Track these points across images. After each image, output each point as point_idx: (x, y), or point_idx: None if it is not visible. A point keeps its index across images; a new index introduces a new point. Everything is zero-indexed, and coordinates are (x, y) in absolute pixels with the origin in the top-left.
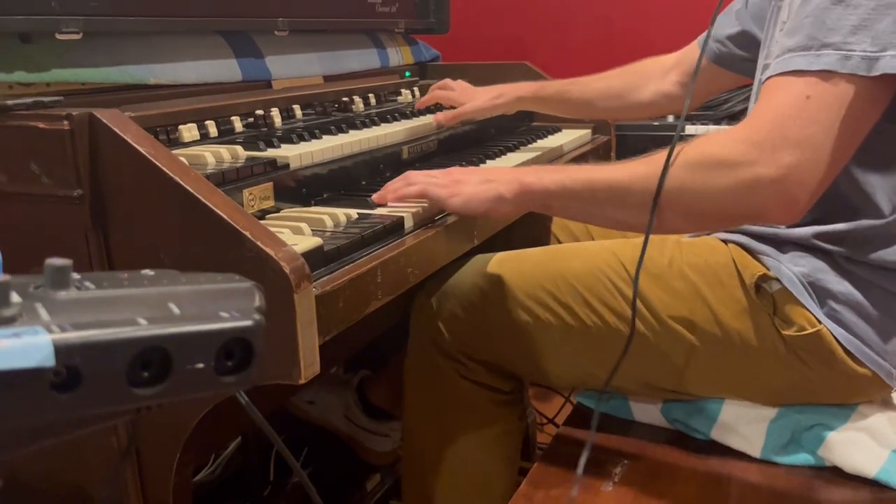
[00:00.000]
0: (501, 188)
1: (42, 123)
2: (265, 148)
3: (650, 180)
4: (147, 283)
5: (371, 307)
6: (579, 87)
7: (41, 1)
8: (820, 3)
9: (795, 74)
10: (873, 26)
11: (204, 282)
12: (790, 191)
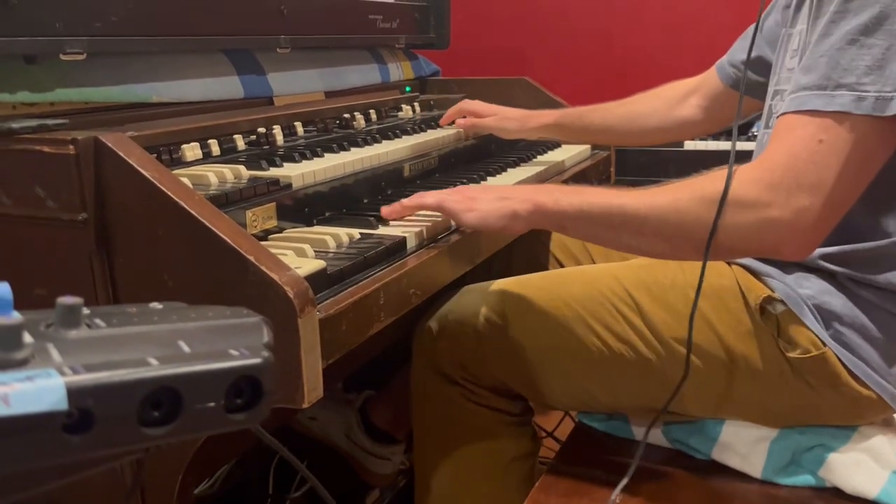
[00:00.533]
0: (517, 206)
1: (47, 147)
2: (267, 167)
3: (667, 212)
4: (156, 318)
5: (374, 329)
6: (600, 114)
7: (46, 22)
8: (835, 42)
9: (810, 114)
10: (888, 66)
11: (212, 317)
12: (803, 231)
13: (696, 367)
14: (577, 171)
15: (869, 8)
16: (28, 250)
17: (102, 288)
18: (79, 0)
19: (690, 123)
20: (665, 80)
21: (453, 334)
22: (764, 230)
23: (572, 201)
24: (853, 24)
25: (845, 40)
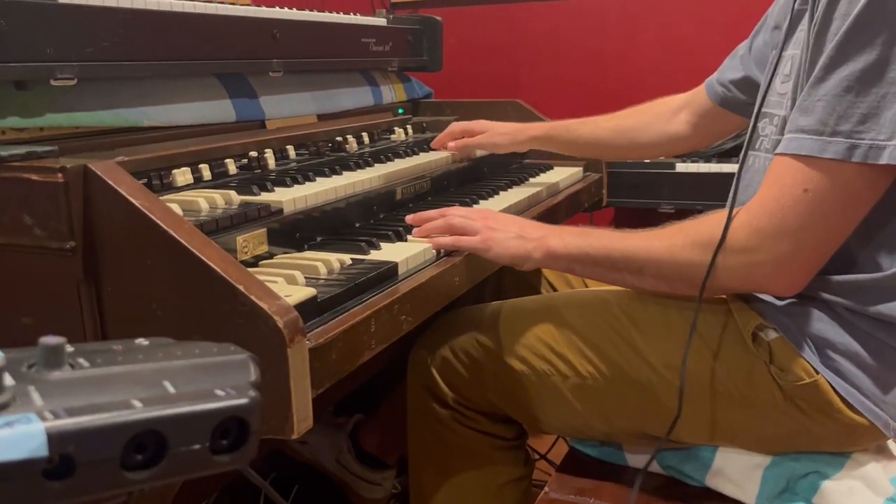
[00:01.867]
0: (530, 247)
1: (36, 176)
2: (259, 192)
3: (664, 256)
4: (142, 356)
5: (364, 357)
6: (590, 128)
7: (37, 48)
8: (832, 88)
9: (803, 160)
10: (883, 114)
11: (199, 354)
12: (789, 273)
13: (688, 394)
14: (569, 193)
15: (865, 55)
16: (15, 279)
17: (90, 317)
18: (70, 25)
19: (679, 139)
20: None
21: (447, 359)
22: (753, 272)
23: (579, 245)
24: (850, 69)
25: (842, 86)
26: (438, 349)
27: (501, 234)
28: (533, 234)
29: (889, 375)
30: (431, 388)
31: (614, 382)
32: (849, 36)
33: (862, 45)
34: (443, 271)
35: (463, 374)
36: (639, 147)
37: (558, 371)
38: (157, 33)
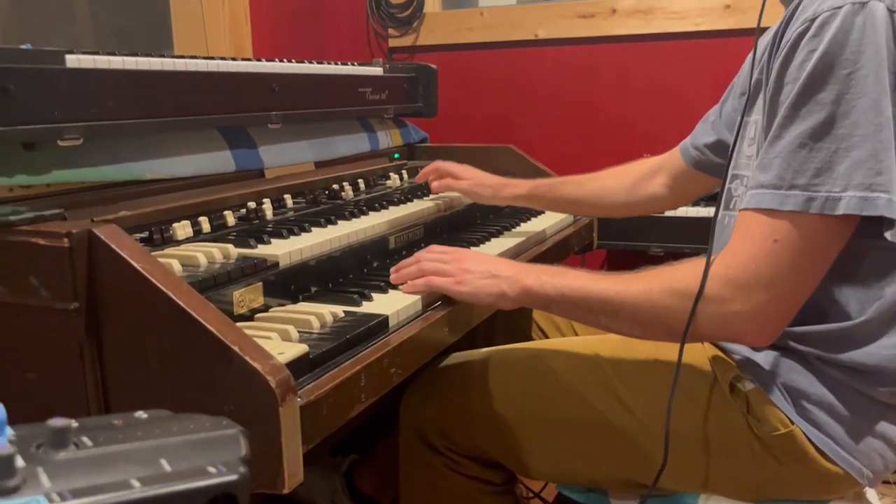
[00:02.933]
0: (505, 286)
1: (43, 240)
2: (255, 245)
3: (640, 301)
4: (140, 433)
5: (354, 412)
6: (572, 187)
7: (45, 111)
8: (787, 145)
9: (766, 213)
10: (835, 168)
11: (193, 430)
12: (763, 322)
13: (670, 442)
14: (558, 238)
15: (815, 114)
16: (21, 336)
17: (91, 374)
18: (76, 87)
19: (656, 199)
20: (647, 145)
21: (437, 406)
22: (728, 322)
23: (556, 284)
24: (802, 128)
25: (796, 143)
26: (429, 396)
27: (474, 273)
28: (506, 273)
29: (862, 424)
30: (422, 433)
31: (599, 430)
32: (799, 98)
33: (811, 106)
34: (432, 323)
35: (453, 421)
36: (618, 207)
37: (544, 418)
38: (160, 91)
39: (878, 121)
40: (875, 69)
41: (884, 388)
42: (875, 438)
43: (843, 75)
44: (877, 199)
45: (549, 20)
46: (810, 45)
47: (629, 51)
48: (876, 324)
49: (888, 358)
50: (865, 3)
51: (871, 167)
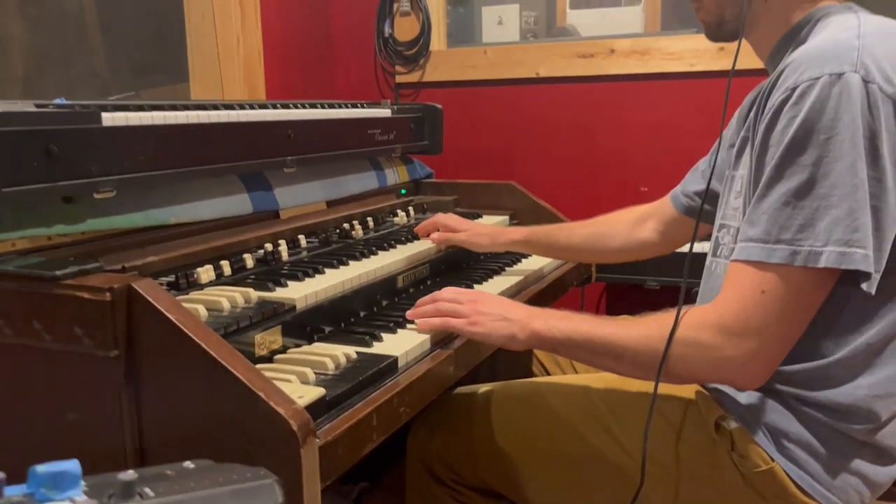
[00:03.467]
0: (516, 328)
1: (87, 294)
2: (273, 287)
3: (641, 346)
4: (193, 484)
5: (367, 450)
6: (565, 234)
7: (82, 167)
8: (773, 203)
9: (755, 265)
10: (817, 224)
11: (237, 480)
12: (753, 368)
13: (659, 476)
14: (556, 276)
15: (798, 175)
16: (64, 380)
17: (129, 416)
18: (111, 144)
19: (648, 245)
20: (644, 179)
21: (443, 437)
22: (720, 367)
23: (562, 328)
24: (786, 187)
25: (781, 201)
26: (435, 430)
27: (487, 316)
28: (517, 316)
29: (838, 462)
30: (428, 465)
31: (593, 464)
32: (783, 160)
33: (794, 167)
34: (438, 363)
35: (457, 454)
36: (610, 252)
37: (542, 452)
38: (186, 143)
39: (854, 182)
40: (851, 135)
41: (859, 427)
42: (851, 475)
43: (821, 140)
44: (854, 253)
45: (549, 59)
46: (792, 112)
47: (626, 89)
48: (852, 364)
49: (862, 398)
50: (842, 75)
51: (848, 224)
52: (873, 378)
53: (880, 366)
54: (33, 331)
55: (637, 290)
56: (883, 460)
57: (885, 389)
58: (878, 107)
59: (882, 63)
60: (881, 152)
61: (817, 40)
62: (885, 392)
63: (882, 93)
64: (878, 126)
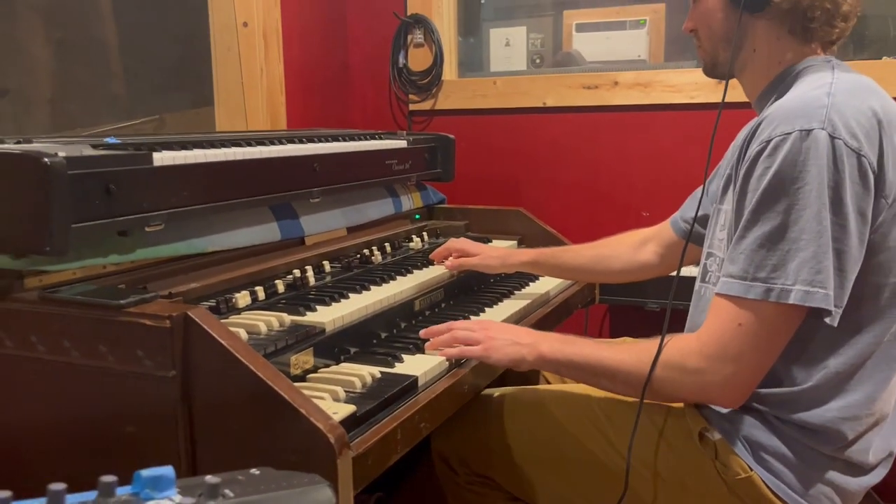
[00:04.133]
0: (524, 351)
1: (149, 321)
2: (304, 312)
3: (632, 369)
4: (263, 487)
5: (392, 461)
6: (571, 255)
7: (136, 203)
8: (750, 244)
9: (733, 300)
10: (788, 265)
11: (296, 484)
12: (731, 390)
13: (652, 480)
14: (561, 300)
15: (772, 220)
16: (124, 397)
17: (183, 430)
18: (161, 181)
19: (648, 267)
20: (645, 204)
21: (460, 437)
22: (703, 389)
23: (565, 352)
24: (761, 230)
25: (757, 243)
26: (453, 430)
27: (499, 341)
28: (525, 340)
29: (811, 473)
30: (447, 459)
31: (592, 468)
32: (758, 205)
33: (768, 213)
34: (454, 382)
35: (472, 451)
36: (613, 273)
37: (546, 456)
38: (225, 177)
39: (819, 229)
40: (817, 186)
41: (828, 445)
42: (824, 485)
43: (792, 190)
44: (816, 293)
45: (556, 90)
46: (766, 163)
47: (629, 119)
48: (821, 391)
49: (831, 420)
50: (810, 131)
51: (812, 266)
52: (842, 402)
53: (848, 392)
54: (98, 353)
55: (638, 312)
56: (854, 472)
57: (852, 413)
58: (843, 160)
59: (849, 120)
60: (845, 201)
61: (792, 95)
62: (852, 415)
63: (847, 147)
64: (842, 178)
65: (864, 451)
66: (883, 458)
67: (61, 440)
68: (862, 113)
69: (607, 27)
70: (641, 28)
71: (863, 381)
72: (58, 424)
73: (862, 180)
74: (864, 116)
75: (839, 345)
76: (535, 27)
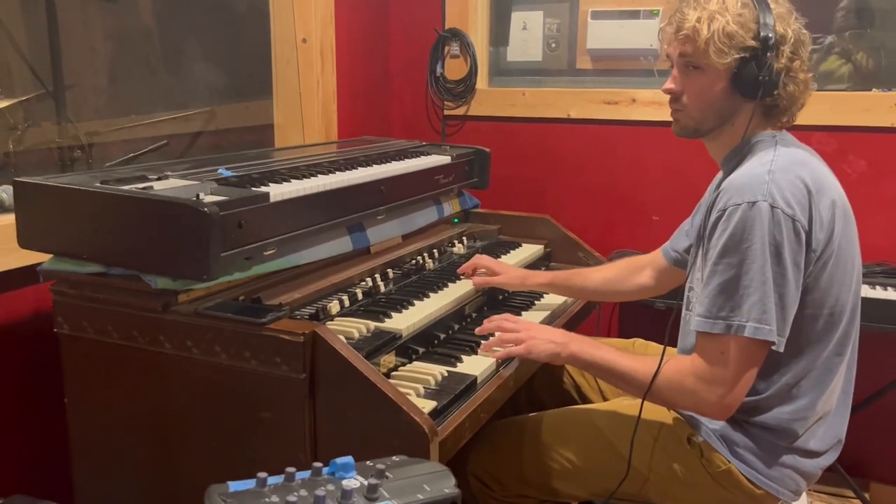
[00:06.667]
0: (558, 349)
1: (287, 336)
2: (383, 319)
3: (643, 378)
4: (407, 470)
5: (461, 444)
6: (581, 278)
7: (259, 235)
8: (712, 290)
9: (707, 336)
10: (742, 306)
11: (426, 469)
12: (722, 408)
13: (650, 476)
14: (582, 303)
15: (728, 272)
16: (263, 391)
17: (309, 419)
18: (276, 215)
19: (646, 288)
20: (656, 210)
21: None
22: (697, 405)
23: (593, 354)
24: (719, 280)
25: (717, 290)
26: (488, 455)
27: (538, 340)
28: (560, 340)
29: (774, 460)
30: (482, 479)
31: (600, 474)
32: (718, 258)
33: (725, 266)
34: (502, 382)
35: (507, 469)
36: (617, 294)
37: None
38: (318, 204)
39: (763, 279)
40: (761, 245)
41: (785, 440)
42: (785, 468)
43: (742, 248)
44: (763, 328)
45: (579, 104)
46: (723, 227)
47: (645, 133)
48: (776, 398)
49: (785, 420)
50: (755, 203)
51: (760, 308)
52: (792, 407)
53: (796, 398)
54: (243, 357)
55: (647, 310)
56: (808, 457)
57: (800, 415)
58: (781, 225)
59: (784, 192)
60: (784, 256)
61: (742, 171)
62: (801, 416)
63: (784, 214)
64: (781, 238)
65: (814, 441)
66: (833, 444)
67: (208, 421)
68: (795, 185)
69: (621, 16)
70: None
71: (808, 390)
72: (205, 409)
73: (796, 239)
74: (797, 188)
75: (787, 363)
76: (552, 12)
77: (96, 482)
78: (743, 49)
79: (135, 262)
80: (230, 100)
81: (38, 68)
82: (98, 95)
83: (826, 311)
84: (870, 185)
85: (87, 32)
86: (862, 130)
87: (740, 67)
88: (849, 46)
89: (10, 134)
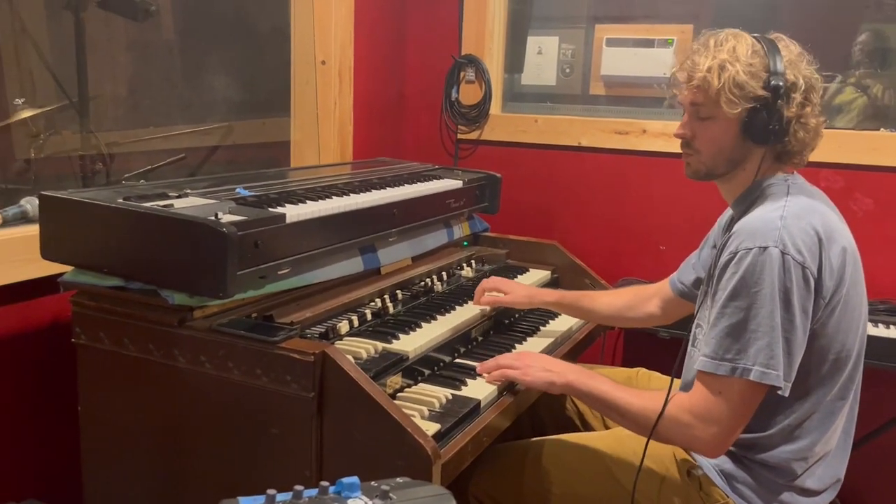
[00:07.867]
0: (555, 378)
1: (297, 355)
2: (391, 340)
3: (638, 412)
4: (410, 491)
5: (463, 466)
6: (589, 300)
7: (273, 255)
8: (719, 332)
9: (710, 376)
10: (749, 350)
11: (428, 491)
12: (714, 447)
13: None
14: (587, 330)
15: (736, 315)
16: (274, 408)
17: (315, 438)
18: (291, 236)
19: (652, 317)
20: (663, 239)
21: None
22: (690, 442)
23: (588, 384)
24: (728, 322)
25: (725, 332)
26: (489, 477)
27: (534, 368)
28: (556, 369)
29: (771, 497)
30: (485, 503)
31: (598, 502)
32: (727, 300)
33: (733, 309)
34: (504, 408)
35: (507, 493)
36: (624, 320)
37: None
38: (332, 226)
39: (772, 324)
40: (770, 290)
41: (783, 478)
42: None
43: (752, 293)
44: (770, 373)
45: (591, 133)
46: (733, 269)
47: (654, 164)
48: (777, 438)
49: (785, 459)
50: (766, 248)
51: (767, 353)
52: (793, 447)
53: (798, 439)
54: (255, 374)
55: (651, 338)
56: (806, 495)
57: (801, 455)
58: (790, 271)
59: (795, 240)
60: (792, 302)
61: (755, 216)
62: (801, 456)
63: (794, 261)
64: (790, 284)
65: (812, 480)
66: (832, 484)
67: (217, 435)
68: (806, 232)
69: (636, 44)
70: (668, 48)
71: (810, 431)
72: (216, 422)
73: (805, 286)
74: (808, 235)
75: (791, 405)
76: (568, 38)
77: (106, 490)
78: (754, 98)
79: (154, 277)
80: (248, 116)
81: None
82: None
83: (832, 357)
84: (875, 223)
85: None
86: (869, 169)
87: (751, 116)
88: (864, 81)
89: (32, 142)
